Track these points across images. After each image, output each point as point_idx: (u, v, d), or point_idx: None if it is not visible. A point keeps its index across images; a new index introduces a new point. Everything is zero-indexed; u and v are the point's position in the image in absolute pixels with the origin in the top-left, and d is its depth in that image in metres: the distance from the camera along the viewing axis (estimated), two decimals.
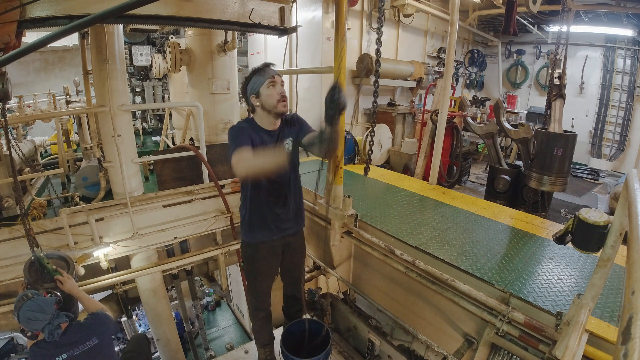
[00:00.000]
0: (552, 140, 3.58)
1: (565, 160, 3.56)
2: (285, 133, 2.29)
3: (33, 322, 2.11)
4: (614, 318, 1.83)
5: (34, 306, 2.13)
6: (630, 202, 1.07)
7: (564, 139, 3.54)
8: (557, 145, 3.54)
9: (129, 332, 6.07)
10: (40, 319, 2.12)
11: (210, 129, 4.77)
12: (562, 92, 3.65)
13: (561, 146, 3.53)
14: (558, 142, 3.55)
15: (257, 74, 2.19)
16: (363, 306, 3.65)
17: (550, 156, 3.57)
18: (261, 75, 2.17)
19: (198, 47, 4.67)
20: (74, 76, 7.29)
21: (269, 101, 2.16)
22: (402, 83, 7.15)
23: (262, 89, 2.16)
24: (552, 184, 3.63)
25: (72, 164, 5.71)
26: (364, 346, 3.24)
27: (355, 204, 2.94)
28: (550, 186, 3.64)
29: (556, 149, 3.53)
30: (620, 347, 0.61)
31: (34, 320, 2.11)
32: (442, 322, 2.42)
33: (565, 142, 3.54)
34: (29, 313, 2.11)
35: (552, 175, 3.62)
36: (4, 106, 2.47)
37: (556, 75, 3.64)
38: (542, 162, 3.66)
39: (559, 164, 3.57)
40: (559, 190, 3.71)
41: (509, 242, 2.70)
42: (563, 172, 3.60)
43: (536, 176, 3.70)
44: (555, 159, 3.55)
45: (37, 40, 1.20)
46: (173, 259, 4.09)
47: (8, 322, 3.31)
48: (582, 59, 9.26)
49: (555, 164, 3.57)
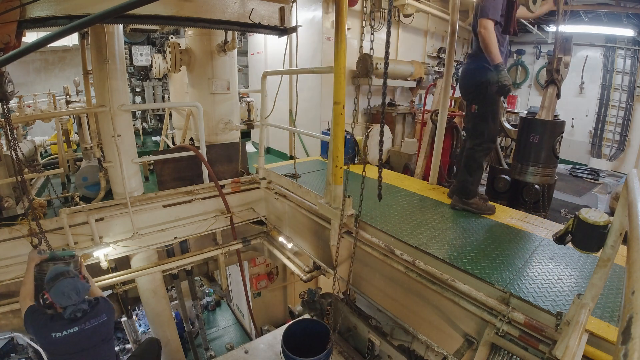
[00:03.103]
0: (527, 126, 3.26)
1: (542, 149, 3.20)
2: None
3: (64, 297, 2.26)
4: (614, 318, 1.83)
5: (72, 285, 2.28)
6: (630, 202, 1.07)
7: (541, 125, 3.20)
8: (532, 132, 3.22)
9: (129, 332, 6.07)
10: (72, 298, 2.27)
11: (210, 129, 4.77)
12: (554, 77, 3.25)
13: (537, 133, 3.19)
14: (534, 129, 3.22)
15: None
16: (363, 306, 3.65)
17: (526, 144, 3.25)
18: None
19: (198, 47, 4.68)
20: (74, 76, 7.30)
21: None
22: (402, 83, 7.16)
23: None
24: (531, 174, 3.29)
25: (72, 164, 5.72)
26: (364, 346, 3.24)
27: (355, 204, 2.94)
28: (530, 176, 3.31)
29: (532, 136, 3.20)
30: (620, 347, 0.61)
31: (66, 296, 2.26)
32: (442, 322, 2.41)
33: (542, 128, 3.20)
34: (66, 289, 2.25)
35: (529, 164, 3.30)
36: (3, 106, 2.47)
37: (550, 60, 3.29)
38: (518, 151, 3.37)
39: (535, 153, 3.23)
40: (539, 182, 3.34)
41: (509, 242, 2.69)
42: (539, 161, 3.24)
43: (514, 165, 3.41)
44: (531, 147, 3.23)
45: (37, 40, 1.20)
46: (173, 259, 4.10)
47: (8, 322, 3.32)
48: (582, 59, 9.26)
49: (531, 153, 3.24)
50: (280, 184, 4.01)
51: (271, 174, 4.20)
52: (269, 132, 7.05)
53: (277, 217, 4.26)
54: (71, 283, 2.27)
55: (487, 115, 3.08)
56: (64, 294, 2.25)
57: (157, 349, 3.42)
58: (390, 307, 2.84)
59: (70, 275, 2.31)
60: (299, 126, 5.33)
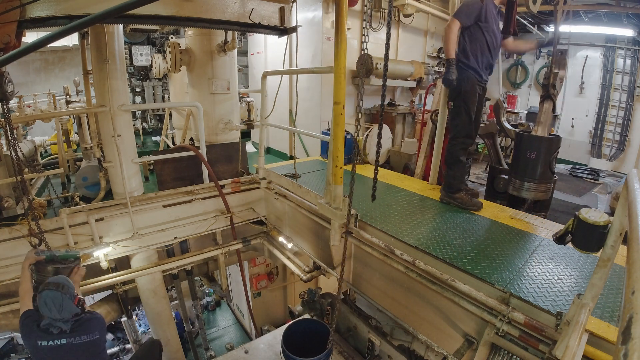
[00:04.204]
0: (524, 143, 3.31)
1: (538, 165, 3.25)
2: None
3: (45, 307, 2.16)
4: (614, 318, 1.83)
5: (58, 301, 2.17)
6: (630, 202, 1.07)
7: (538, 142, 3.25)
8: (529, 149, 3.26)
9: (129, 332, 6.07)
10: (52, 312, 2.17)
11: (210, 129, 4.77)
12: (550, 92, 3.28)
13: (534, 149, 3.24)
14: (531, 145, 3.27)
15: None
16: (363, 306, 3.65)
17: (523, 160, 3.31)
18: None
19: (198, 47, 4.67)
20: (74, 76, 7.30)
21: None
22: (402, 83, 7.16)
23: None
24: (526, 190, 3.33)
25: (72, 164, 5.72)
26: (364, 346, 3.24)
27: (355, 204, 2.94)
28: (526, 192, 3.35)
29: (529, 153, 3.26)
30: (620, 347, 0.61)
31: (47, 308, 2.16)
32: (442, 322, 2.41)
33: (539, 144, 3.24)
34: (49, 301, 2.16)
35: (525, 180, 3.35)
36: (3, 106, 2.46)
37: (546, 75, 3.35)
38: (516, 166, 3.41)
39: (531, 169, 3.28)
40: (534, 197, 3.39)
41: (509, 242, 2.69)
42: (535, 177, 3.29)
43: (512, 180, 3.46)
44: (527, 163, 3.29)
45: (37, 40, 1.20)
46: (173, 259, 4.10)
47: (8, 322, 3.32)
48: (582, 59, 9.26)
49: (527, 169, 3.30)
50: (280, 184, 4.01)
51: (271, 174, 4.20)
52: (269, 132, 7.05)
53: (277, 217, 4.26)
54: (58, 298, 2.15)
55: (460, 111, 3.32)
56: (46, 305, 2.14)
57: (158, 351, 3.42)
58: (390, 307, 2.84)
59: (63, 290, 2.18)
60: (299, 126, 5.33)
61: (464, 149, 3.39)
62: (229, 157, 4.67)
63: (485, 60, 3.29)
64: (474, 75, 3.24)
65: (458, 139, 3.38)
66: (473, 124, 3.35)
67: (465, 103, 3.28)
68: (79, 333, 2.26)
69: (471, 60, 3.23)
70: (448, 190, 3.44)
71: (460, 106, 3.31)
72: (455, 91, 3.31)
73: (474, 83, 3.26)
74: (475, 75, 3.25)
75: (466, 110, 3.29)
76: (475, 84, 3.27)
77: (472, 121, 3.34)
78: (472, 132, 3.39)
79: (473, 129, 3.38)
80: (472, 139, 3.44)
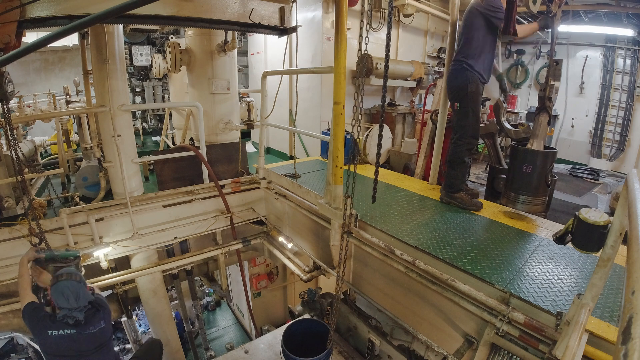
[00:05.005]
0: (519, 156, 3.27)
1: (533, 179, 3.21)
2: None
3: (62, 298, 2.21)
4: (614, 318, 1.83)
5: (74, 289, 2.23)
6: (630, 202, 1.07)
7: (533, 156, 3.22)
8: (525, 163, 3.22)
9: (129, 332, 6.07)
10: (70, 301, 2.22)
11: (210, 129, 4.77)
12: (545, 105, 3.23)
13: (530, 163, 3.20)
14: (527, 159, 3.23)
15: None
16: (363, 306, 3.65)
17: (518, 174, 3.27)
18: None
19: (198, 47, 4.67)
20: (74, 76, 7.30)
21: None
22: (402, 83, 7.16)
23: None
24: (521, 203, 3.28)
25: (72, 164, 5.72)
26: (364, 346, 3.24)
27: (356, 204, 2.94)
28: (521, 205, 3.29)
29: (525, 166, 3.21)
30: (620, 347, 0.61)
31: (64, 297, 2.21)
32: (442, 322, 2.41)
33: (534, 158, 3.21)
34: (66, 290, 2.21)
35: (520, 194, 3.29)
36: (3, 106, 2.46)
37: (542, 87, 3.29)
38: (511, 179, 3.36)
39: (526, 183, 3.24)
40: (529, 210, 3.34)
41: (509, 242, 2.70)
42: (530, 191, 3.25)
43: (507, 193, 3.41)
44: (523, 177, 3.24)
45: (37, 40, 1.20)
46: (173, 259, 4.10)
47: (8, 322, 3.32)
48: (582, 59, 9.26)
49: (523, 182, 3.26)
50: (280, 184, 4.01)
51: (271, 174, 4.20)
52: (269, 132, 7.04)
53: (277, 217, 4.26)
54: (75, 286, 2.23)
55: (467, 112, 3.34)
56: (63, 295, 2.21)
57: (158, 351, 3.42)
58: (390, 307, 2.84)
59: (77, 279, 2.27)
60: (299, 126, 5.33)
61: (469, 149, 3.41)
62: (229, 157, 4.67)
63: (488, 61, 3.34)
64: (478, 77, 3.28)
65: (465, 140, 3.39)
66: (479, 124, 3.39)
67: (472, 104, 3.31)
68: (87, 324, 2.33)
69: (479, 62, 3.27)
70: (449, 190, 3.46)
71: (467, 107, 3.33)
72: (461, 92, 3.33)
73: (478, 84, 3.30)
74: (480, 77, 3.29)
75: (473, 110, 3.32)
76: (479, 85, 3.31)
77: (479, 121, 3.38)
78: (478, 132, 3.44)
79: (478, 130, 3.43)
80: (477, 140, 3.48)
